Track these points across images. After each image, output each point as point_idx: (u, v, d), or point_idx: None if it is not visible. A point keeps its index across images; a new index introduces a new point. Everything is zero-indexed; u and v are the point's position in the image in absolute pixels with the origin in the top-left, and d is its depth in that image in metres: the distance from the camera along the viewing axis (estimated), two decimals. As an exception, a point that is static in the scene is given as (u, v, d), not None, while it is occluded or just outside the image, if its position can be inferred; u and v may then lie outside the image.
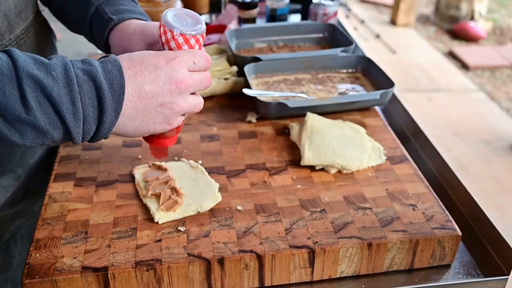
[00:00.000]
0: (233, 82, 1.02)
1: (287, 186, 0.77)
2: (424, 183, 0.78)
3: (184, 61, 0.59)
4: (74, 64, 0.54)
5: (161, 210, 0.69)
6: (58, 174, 0.79)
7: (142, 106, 0.57)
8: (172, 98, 0.59)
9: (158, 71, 0.57)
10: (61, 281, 0.61)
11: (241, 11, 1.35)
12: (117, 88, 0.54)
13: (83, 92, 0.52)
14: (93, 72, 0.53)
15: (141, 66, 0.57)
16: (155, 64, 0.57)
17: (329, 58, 1.08)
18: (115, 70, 0.55)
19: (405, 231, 0.68)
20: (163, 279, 0.63)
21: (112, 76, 0.54)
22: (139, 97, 0.57)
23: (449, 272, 0.70)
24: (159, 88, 0.57)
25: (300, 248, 0.65)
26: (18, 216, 0.85)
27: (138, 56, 0.58)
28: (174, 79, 0.58)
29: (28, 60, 0.51)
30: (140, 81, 0.56)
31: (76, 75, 0.52)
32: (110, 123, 0.55)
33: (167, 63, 0.58)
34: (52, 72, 0.51)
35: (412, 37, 4.35)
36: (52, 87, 0.51)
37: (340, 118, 0.94)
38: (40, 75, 0.50)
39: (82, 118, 0.53)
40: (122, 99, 0.55)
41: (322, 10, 1.31)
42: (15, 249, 0.86)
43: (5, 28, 0.71)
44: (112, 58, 0.56)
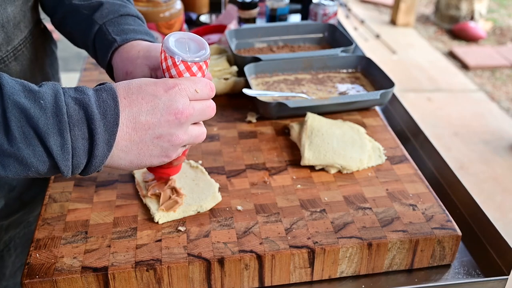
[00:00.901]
0: (233, 82, 1.02)
1: (287, 186, 0.77)
2: (424, 183, 0.78)
3: (184, 89, 0.55)
4: (65, 92, 0.50)
5: (161, 210, 0.69)
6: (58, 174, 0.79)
7: (137, 139, 0.54)
8: (171, 130, 0.55)
9: (155, 101, 0.53)
10: (61, 281, 0.61)
11: (241, 11, 1.35)
12: (110, 119, 0.51)
13: (73, 123, 0.49)
14: (85, 102, 0.50)
15: (138, 95, 0.53)
16: (153, 93, 0.54)
17: (329, 58, 1.08)
18: (110, 100, 0.51)
19: (405, 231, 0.68)
20: (163, 279, 0.63)
21: (106, 106, 0.51)
22: (134, 129, 0.53)
23: (449, 272, 0.70)
24: (156, 119, 0.54)
25: (300, 248, 0.65)
26: (12, 226, 0.84)
27: (136, 85, 0.54)
28: (172, 109, 0.54)
29: (16, 87, 0.48)
30: (136, 111, 0.53)
31: (67, 104, 0.49)
32: (102, 156, 0.52)
33: (166, 92, 0.54)
34: (40, 101, 0.48)
35: (412, 37, 4.35)
36: (38, 117, 0.47)
37: (340, 118, 0.94)
38: (27, 103, 0.47)
39: (71, 151, 0.49)
40: (115, 130, 0.51)
41: (322, 10, 1.31)
42: (8, 259, 0.85)
43: (1, 39, 0.69)
44: (108, 87, 0.53)
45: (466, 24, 4.24)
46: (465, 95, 3.40)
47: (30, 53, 0.78)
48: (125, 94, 0.53)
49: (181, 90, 0.55)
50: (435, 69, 3.74)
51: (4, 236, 0.83)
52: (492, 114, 3.18)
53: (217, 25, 1.33)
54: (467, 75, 3.67)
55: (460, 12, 4.36)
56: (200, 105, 0.57)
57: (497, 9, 4.90)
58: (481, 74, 3.68)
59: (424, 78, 3.61)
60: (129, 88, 0.54)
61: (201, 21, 1.49)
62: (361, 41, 3.89)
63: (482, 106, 3.28)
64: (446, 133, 2.95)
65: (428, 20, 4.69)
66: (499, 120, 3.11)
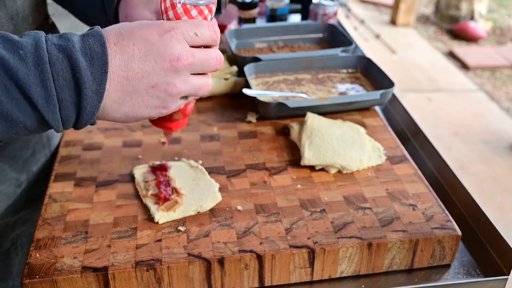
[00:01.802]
0: (233, 82, 1.02)
1: (287, 186, 0.77)
2: (424, 183, 0.78)
3: (182, 33, 0.50)
4: (48, 40, 0.46)
5: (161, 210, 0.69)
6: (58, 174, 0.79)
7: (130, 88, 0.49)
8: (167, 78, 0.50)
9: (148, 46, 0.49)
10: (61, 281, 0.61)
11: (241, 11, 1.35)
12: (98, 66, 0.47)
13: (57, 72, 0.45)
14: (69, 48, 0.46)
15: (130, 40, 0.48)
16: (146, 38, 0.49)
17: (329, 58, 1.08)
18: (97, 46, 0.47)
19: (405, 231, 0.68)
20: (163, 279, 0.63)
21: (93, 53, 0.46)
22: (126, 78, 0.49)
23: (449, 272, 0.70)
24: (150, 66, 0.49)
25: (300, 248, 0.65)
26: (18, 224, 0.84)
27: (127, 29, 0.49)
28: (167, 55, 0.49)
29: None
30: (127, 58, 0.48)
31: (49, 52, 0.45)
32: (92, 108, 0.48)
33: (161, 36, 0.49)
34: (19, 51, 0.44)
35: (412, 37, 4.35)
36: (18, 68, 0.44)
37: (340, 118, 0.94)
38: (4, 54, 0.44)
39: (57, 103, 0.46)
40: (104, 79, 0.47)
41: (322, 10, 1.31)
42: (15, 258, 0.85)
43: (11, 31, 0.68)
44: (95, 32, 0.48)
45: (466, 24, 4.24)
46: (465, 95, 3.40)
47: None
48: (115, 40, 0.48)
49: (177, 33, 0.50)
50: (435, 69, 3.74)
51: (11, 234, 0.83)
52: (492, 114, 3.18)
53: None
54: (467, 75, 3.67)
55: (460, 12, 4.36)
56: (202, 53, 0.51)
57: (497, 9, 4.90)
58: (481, 74, 3.68)
59: (424, 78, 3.61)
60: (119, 33, 0.49)
61: (201, 21, 1.48)
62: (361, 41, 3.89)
63: (482, 106, 3.28)
64: (446, 133, 2.95)
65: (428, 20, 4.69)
66: (499, 120, 3.11)
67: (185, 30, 0.50)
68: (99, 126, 0.91)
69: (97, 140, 0.87)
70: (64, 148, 0.85)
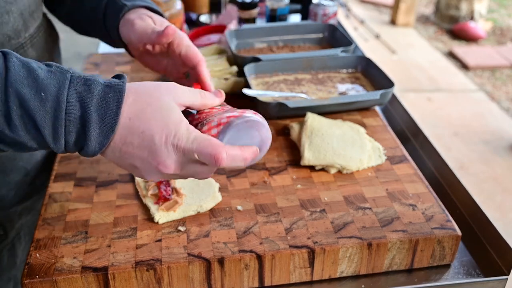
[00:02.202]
0: (233, 82, 1.02)
1: (287, 186, 0.77)
2: (424, 183, 0.78)
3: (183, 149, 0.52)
4: (72, 84, 0.50)
5: (161, 210, 0.69)
6: (58, 174, 0.79)
7: (118, 155, 0.53)
8: (149, 171, 0.54)
9: (150, 143, 0.52)
10: (61, 281, 0.61)
11: (241, 11, 1.35)
12: (108, 123, 0.50)
13: (69, 119, 0.49)
14: (87, 101, 0.49)
15: (141, 124, 0.51)
16: (153, 134, 0.51)
17: (329, 58, 1.08)
18: (114, 104, 0.50)
19: (405, 231, 0.68)
20: (163, 279, 0.63)
21: (107, 110, 0.50)
22: (120, 149, 0.53)
23: (449, 272, 0.70)
24: (141, 155, 0.52)
25: (300, 248, 0.65)
26: (24, 213, 0.87)
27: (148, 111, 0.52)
28: (159, 160, 0.52)
29: (21, 73, 0.48)
30: (130, 136, 0.52)
31: (68, 100, 0.49)
32: (92, 153, 0.52)
33: (165, 142, 0.52)
34: (41, 93, 0.48)
35: (412, 37, 4.35)
36: (37, 111, 0.48)
37: (340, 118, 0.94)
38: (28, 94, 0.48)
39: (63, 143, 0.51)
40: (110, 135, 0.51)
41: (322, 10, 1.31)
42: (19, 247, 0.87)
43: (21, 26, 0.74)
44: (118, 88, 0.51)
45: (466, 24, 4.24)
46: (465, 95, 3.40)
47: (43, 41, 0.83)
48: (132, 115, 0.51)
49: (179, 148, 0.52)
50: (435, 69, 3.74)
51: (17, 222, 0.86)
52: (492, 114, 3.18)
53: (217, 25, 1.34)
54: (467, 75, 3.67)
55: (460, 12, 4.36)
56: (194, 168, 0.54)
57: (497, 9, 4.90)
58: (481, 74, 3.68)
59: (424, 78, 3.61)
60: (140, 110, 0.52)
61: (201, 21, 1.49)
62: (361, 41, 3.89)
63: (482, 106, 3.28)
64: (446, 133, 2.95)
65: (428, 20, 4.69)
66: (499, 120, 3.11)
67: (188, 147, 0.52)
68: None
69: (97, 140, 0.87)
70: (64, 148, 0.85)
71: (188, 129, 0.53)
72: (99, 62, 1.16)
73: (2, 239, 0.83)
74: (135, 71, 1.12)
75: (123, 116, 0.51)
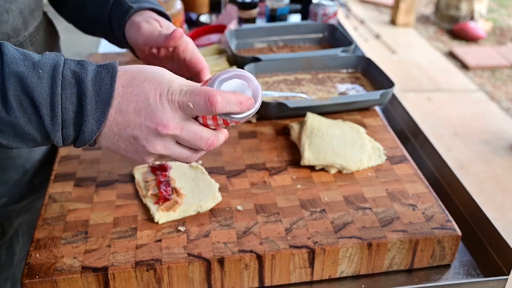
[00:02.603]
0: (233, 82, 1.02)
1: (287, 186, 0.77)
2: (424, 183, 0.78)
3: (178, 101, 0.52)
4: (66, 63, 0.50)
5: (161, 210, 0.69)
6: (58, 174, 0.79)
7: (116, 130, 0.52)
8: (149, 137, 0.53)
9: (145, 104, 0.51)
10: (61, 281, 0.61)
11: (241, 11, 1.35)
12: (103, 97, 0.50)
13: (66, 95, 0.49)
14: (81, 77, 0.50)
15: (134, 89, 0.51)
16: (147, 94, 0.51)
17: (329, 58, 1.08)
18: (107, 78, 0.51)
19: (405, 231, 0.68)
20: (163, 279, 0.63)
21: (101, 84, 0.50)
22: (115, 120, 0.52)
23: (449, 272, 0.70)
24: (138, 120, 0.52)
25: (300, 248, 0.65)
26: (22, 212, 0.87)
27: (140, 77, 0.52)
28: (157, 119, 0.51)
29: (16, 56, 0.49)
30: (124, 104, 0.51)
31: (64, 76, 0.49)
32: (90, 132, 0.51)
33: (160, 97, 0.51)
34: (39, 70, 0.48)
35: (412, 37, 4.35)
36: (35, 87, 0.48)
37: (340, 118, 0.94)
38: (25, 71, 0.48)
39: (60, 123, 0.50)
40: (107, 109, 0.50)
41: (322, 10, 1.31)
42: (17, 246, 0.88)
43: (21, 25, 0.74)
44: (110, 65, 0.52)
45: (466, 24, 4.24)
46: (465, 95, 3.40)
47: (43, 40, 0.83)
48: (124, 83, 0.52)
49: (174, 101, 0.52)
50: (435, 69, 3.74)
51: (15, 221, 0.86)
52: (492, 114, 3.18)
53: (217, 25, 1.34)
54: (467, 75, 3.67)
55: (460, 12, 4.36)
56: (194, 129, 0.53)
57: (497, 9, 4.90)
58: (481, 74, 3.68)
59: (424, 78, 3.61)
60: (132, 78, 0.52)
61: (201, 21, 1.49)
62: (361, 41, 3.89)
63: (482, 106, 3.28)
64: (446, 133, 2.95)
65: (428, 20, 4.69)
66: (499, 120, 3.11)
67: (181, 99, 0.51)
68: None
69: (97, 140, 0.87)
70: (64, 148, 0.85)
71: (180, 84, 0.53)
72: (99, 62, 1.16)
73: (0, 237, 0.84)
74: (135, 71, 1.12)
75: (117, 87, 0.51)
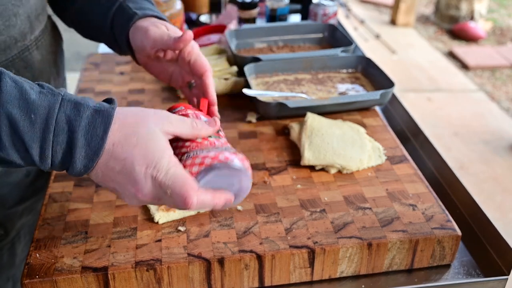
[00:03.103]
0: (233, 82, 1.02)
1: (287, 186, 0.77)
2: (424, 183, 0.78)
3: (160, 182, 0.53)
4: (62, 106, 0.51)
5: (161, 210, 0.69)
6: (58, 174, 0.79)
7: (101, 178, 0.54)
8: (130, 197, 0.55)
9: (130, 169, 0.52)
10: (61, 281, 0.61)
11: (241, 11, 1.35)
12: (93, 148, 0.52)
13: (57, 141, 0.51)
14: (75, 124, 0.51)
15: (124, 151, 0.52)
16: (134, 161, 0.52)
17: (329, 58, 1.08)
18: (100, 130, 0.51)
19: (405, 231, 0.68)
20: (163, 279, 0.63)
21: (93, 135, 0.51)
22: (101, 171, 0.54)
23: (449, 272, 0.70)
24: (120, 179, 0.53)
25: (300, 248, 0.65)
26: (24, 213, 0.88)
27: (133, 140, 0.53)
28: (138, 186, 0.53)
29: (13, 94, 0.50)
30: (111, 162, 0.53)
31: (57, 122, 0.50)
32: (77, 174, 0.54)
33: (146, 170, 0.52)
34: (31, 115, 0.50)
35: (412, 37, 4.35)
36: (26, 132, 0.50)
37: (340, 118, 0.94)
38: (18, 116, 0.49)
39: (50, 162, 0.52)
40: (95, 159, 0.52)
41: (322, 10, 1.31)
42: (18, 247, 0.88)
43: (28, 28, 0.75)
44: (107, 113, 0.52)
45: (466, 24, 4.24)
46: (465, 95, 3.40)
47: (48, 43, 0.84)
48: (116, 140, 0.52)
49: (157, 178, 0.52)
50: (435, 69, 3.74)
51: (17, 223, 0.86)
52: (492, 114, 3.18)
53: (217, 25, 1.34)
54: (467, 75, 3.67)
55: (460, 12, 4.36)
56: (169, 201, 0.54)
57: (497, 9, 4.90)
58: (481, 74, 3.68)
59: (424, 78, 3.61)
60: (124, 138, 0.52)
61: (201, 21, 1.49)
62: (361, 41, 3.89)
63: (482, 106, 3.28)
64: (446, 133, 2.95)
65: (428, 20, 4.69)
66: (499, 120, 3.11)
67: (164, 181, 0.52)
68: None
69: (97, 140, 0.87)
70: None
71: (170, 162, 0.53)
72: (99, 62, 1.16)
73: (2, 238, 0.84)
74: (135, 71, 1.12)
75: (108, 142, 0.52)
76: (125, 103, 1.00)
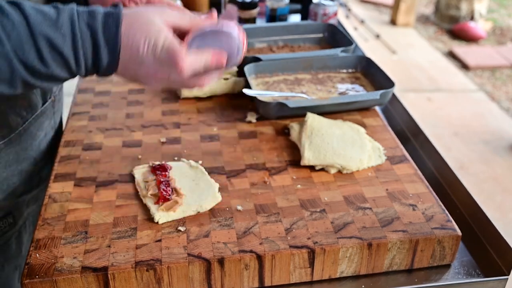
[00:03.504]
0: (233, 82, 1.02)
1: (287, 186, 0.77)
2: (424, 183, 0.78)
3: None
4: (80, 16, 0.57)
5: (161, 210, 0.69)
6: (58, 174, 0.79)
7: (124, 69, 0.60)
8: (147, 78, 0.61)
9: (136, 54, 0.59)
10: (61, 281, 0.61)
11: (241, 11, 1.35)
12: (111, 45, 0.58)
13: (85, 46, 0.57)
14: (95, 27, 0.57)
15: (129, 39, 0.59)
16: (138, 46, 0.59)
17: (329, 58, 1.08)
18: (113, 27, 0.58)
19: (405, 231, 0.68)
20: (163, 279, 0.63)
21: (109, 33, 0.58)
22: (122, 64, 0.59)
23: (449, 272, 0.70)
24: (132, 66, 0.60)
25: (300, 248, 0.65)
26: (31, 202, 0.89)
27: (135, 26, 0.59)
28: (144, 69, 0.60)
29: (38, 17, 0.55)
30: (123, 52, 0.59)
31: (80, 30, 0.57)
32: (106, 72, 0.60)
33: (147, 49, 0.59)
34: (61, 30, 0.56)
35: (412, 37, 4.35)
36: (62, 46, 0.56)
37: (340, 118, 0.94)
38: (51, 34, 0.55)
39: (84, 67, 0.58)
40: (116, 55, 0.58)
41: (322, 10, 1.31)
42: (24, 236, 0.90)
43: None
44: (116, 15, 0.58)
45: (466, 24, 4.24)
46: (465, 95, 3.40)
47: None
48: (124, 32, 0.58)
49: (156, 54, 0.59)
50: (435, 69, 3.74)
51: (25, 211, 0.88)
52: (492, 114, 3.18)
53: (217, 25, 1.33)
54: (467, 75, 3.67)
55: (460, 12, 4.36)
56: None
57: (497, 9, 4.90)
58: (481, 74, 3.68)
59: (424, 78, 3.61)
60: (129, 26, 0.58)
61: (201, 21, 1.48)
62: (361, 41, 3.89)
63: (482, 106, 3.28)
64: (446, 133, 2.95)
65: (428, 20, 4.69)
66: (499, 120, 3.11)
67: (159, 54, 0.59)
68: (99, 126, 0.91)
69: (97, 140, 0.87)
70: (64, 148, 0.85)
71: (166, 38, 0.59)
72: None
73: (11, 227, 0.85)
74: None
75: (122, 38, 0.58)
76: (125, 103, 1.00)
